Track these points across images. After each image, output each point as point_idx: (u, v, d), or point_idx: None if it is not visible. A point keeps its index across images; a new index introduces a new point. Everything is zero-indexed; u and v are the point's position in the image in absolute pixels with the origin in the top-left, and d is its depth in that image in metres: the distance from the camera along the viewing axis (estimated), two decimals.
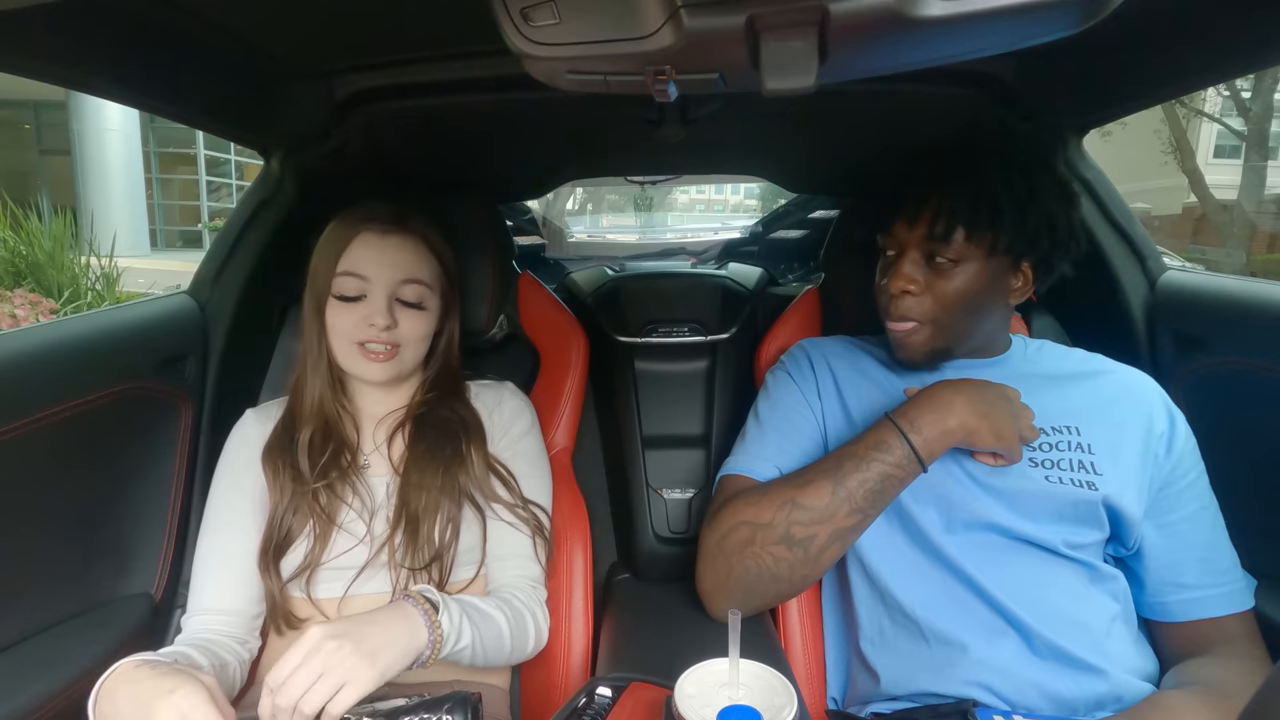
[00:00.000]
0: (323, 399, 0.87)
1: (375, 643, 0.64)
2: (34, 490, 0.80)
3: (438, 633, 0.69)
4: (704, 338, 1.21)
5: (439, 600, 0.71)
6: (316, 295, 0.85)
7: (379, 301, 0.83)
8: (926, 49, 0.48)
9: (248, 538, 0.82)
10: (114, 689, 0.62)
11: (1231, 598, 0.77)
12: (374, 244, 0.84)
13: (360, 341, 0.83)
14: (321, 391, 0.87)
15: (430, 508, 0.83)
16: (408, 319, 0.85)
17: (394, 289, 0.84)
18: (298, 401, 0.88)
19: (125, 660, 0.65)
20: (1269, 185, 10.67)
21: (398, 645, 0.65)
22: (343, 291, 0.83)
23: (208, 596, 0.81)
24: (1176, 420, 0.81)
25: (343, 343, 0.84)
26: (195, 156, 10.89)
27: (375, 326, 0.82)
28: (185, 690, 0.58)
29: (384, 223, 0.85)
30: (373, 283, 0.83)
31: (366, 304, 0.83)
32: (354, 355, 0.84)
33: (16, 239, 4.76)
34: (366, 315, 0.83)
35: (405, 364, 0.87)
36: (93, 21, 0.65)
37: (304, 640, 0.61)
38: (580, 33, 0.46)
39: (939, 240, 0.78)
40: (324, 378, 0.87)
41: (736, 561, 0.77)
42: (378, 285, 0.83)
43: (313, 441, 0.85)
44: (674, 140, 1.08)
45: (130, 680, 0.62)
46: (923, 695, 0.77)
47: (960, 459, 0.80)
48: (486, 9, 0.46)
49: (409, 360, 0.87)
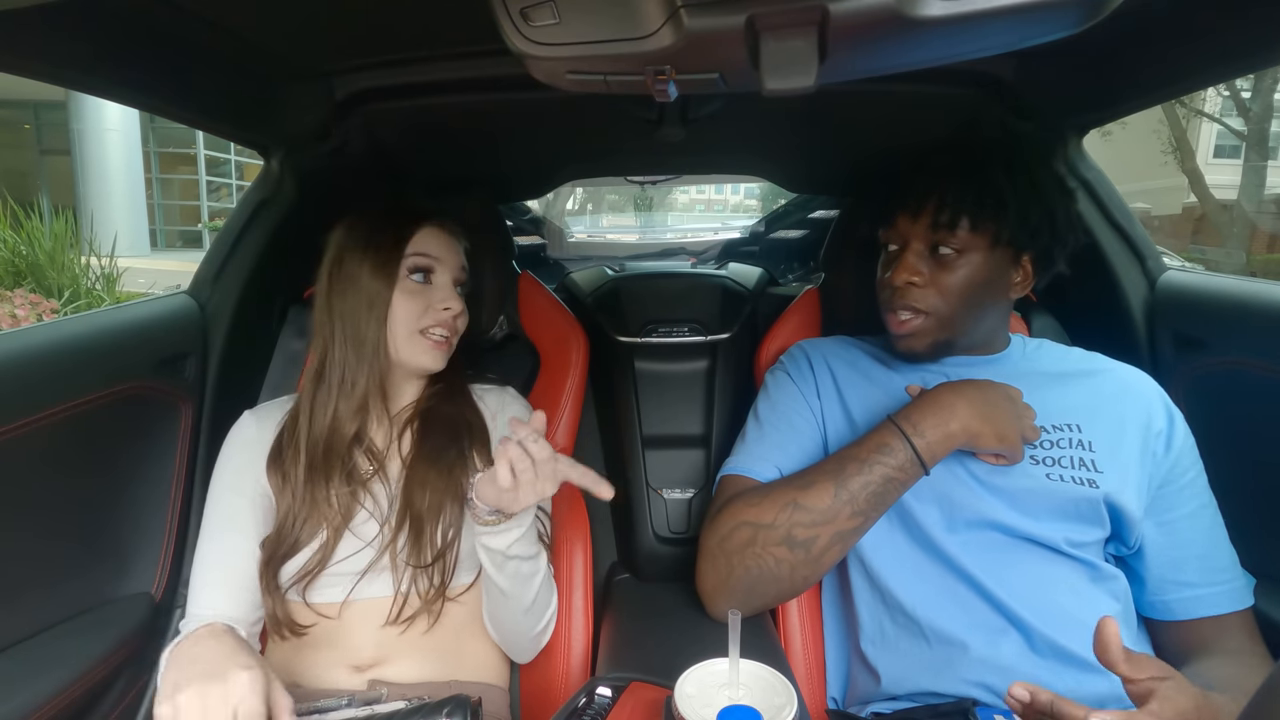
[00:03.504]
0: (364, 398, 0.83)
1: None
2: (34, 490, 0.80)
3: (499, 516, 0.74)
4: (704, 338, 1.21)
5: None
6: (375, 283, 0.82)
7: (446, 286, 0.86)
8: (926, 49, 0.48)
9: (247, 541, 0.81)
10: (199, 639, 0.68)
11: (1231, 596, 0.77)
12: (439, 234, 0.88)
13: (423, 328, 0.84)
14: (365, 390, 0.83)
15: (434, 507, 0.82)
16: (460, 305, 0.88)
17: (456, 274, 0.88)
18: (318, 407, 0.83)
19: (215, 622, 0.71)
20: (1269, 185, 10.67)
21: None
22: (418, 267, 0.85)
23: (207, 603, 0.80)
24: (1175, 418, 0.81)
25: (404, 331, 0.84)
26: (195, 156, 10.90)
27: (450, 310, 0.85)
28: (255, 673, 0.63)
29: (443, 218, 0.90)
30: (443, 264, 0.86)
31: (434, 290, 0.86)
32: (415, 342, 0.85)
33: (17, 239, 4.76)
34: (440, 299, 0.85)
35: (451, 350, 0.89)
36: (93, 21, 0.65)
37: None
38: (580, 33, 0.46)
39: (944, 230, 0.79)
40: (372, 373, 0.83)
41: (738, 562, 0.77)
42: (445, 268, 0.87)
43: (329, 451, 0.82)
44: (674, 140, 1.08)
45: (217, 637, 0.68)
46: (923, 695, 0.77)
47: (962, 458, 0.80)
48: (486, 9, 0.46)
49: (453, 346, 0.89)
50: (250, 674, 0.62)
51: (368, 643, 0.81)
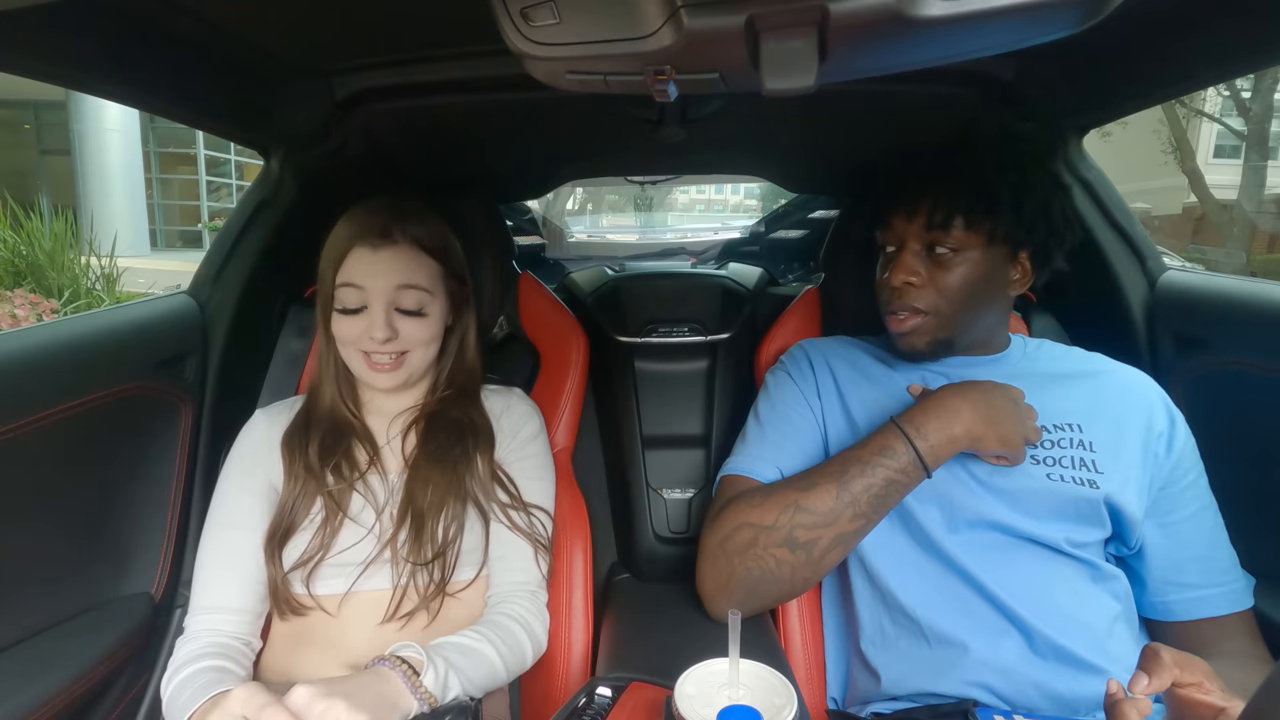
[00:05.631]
0: (334, 401, 0.90)
1: (367, 701, 0.62)
2: (34, 490, 0.80)
3: (423, 692, 0.67)
4: (704, 338, 1.21)
5: (422, 658, 0.69)
6: (324, 305, 0.87)
7: (378, 314, 0.83)
8: (926, 49, 0.48)
9: (254, 536, 0.82)
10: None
11: (1232, 597, 0.77)
12: (366, 258, 0.83)
13: (366, 351, 0.84)
14: (334, 394, 0.90)
15: (435, 504, 0.83)
16: (409, 326, 0.85)
17: (391, 298, 0.84)
18: (315, 399, 0.91)
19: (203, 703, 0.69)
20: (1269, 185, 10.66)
21: (385, 706, 0.64)
22: (344, 304, 0.84)
23: (212, 594, 0.81)
24: (1176, 420, 0.81)
25: (350, 351, 0.86)
26: (195, 156, 10.89)
27: (375, 339, 0.83)
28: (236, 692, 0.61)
29: (374, 236, 0.84)
30: (370, 293, 0.83)
31: (367, 315, 0.84)
32: (361, 365, 0.86)
33: (17, 239, 4.76)
34: (366, 328, 0.83)
35: (414, 369, 0.88)
36: (93, 21, 0.65)
37: (292, 699, 0.59)
38: (580, 33, 0.46)
39: (938, 229, 0.79)
40: (336, 381, 0.90)
41: (738, 563, 0.77)
42: (375, 295, 0.83)
43: (326, 437, 0.87)
44: (674, 140, 1.08)
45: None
46: (923, 695, 0.77)
47: (962, 459, 0.79)
48: (486, 9, 0.46)
49: (417, 364, 0.88)
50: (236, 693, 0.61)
51: (365, 640, 0.81)
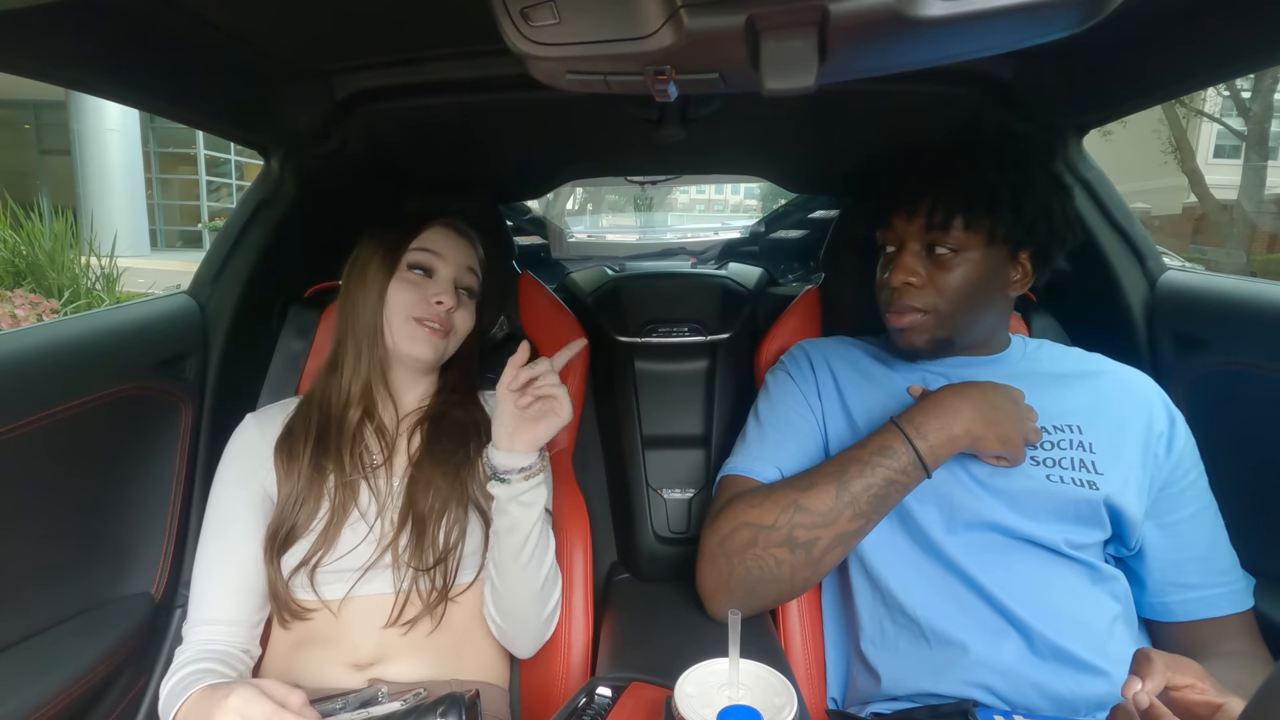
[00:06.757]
0: (351, 395, 0.88)
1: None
2: (34, 490, 0.80)
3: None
4: (704, 338, 1.21)
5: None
6: (378, 274, 0.88)
7: (446, 282, 0.89)
8: (926, 49, 0.48)
9: (248, 543, 0.82)
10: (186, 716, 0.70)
11: (1232, 597, 0.77)
12: (446, 234, 0.92)
13: (417, 318, 0.86)
14: (367, 375, 0.88)
15: (437, 509, 0.83)
16: (462, 306, 0.91)
17: (460, 273, 0.91)
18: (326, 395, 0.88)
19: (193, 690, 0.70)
20: (1269, 185, 10.66)
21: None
22: (418, 262, 0.89)
23: (209, 606, 0.80)
24: (1176, 420, 0.81)
25: (400, 318, 0.86)
26: (195, 156, 10.90)
27: (442, 305, 0.87)
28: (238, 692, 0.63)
29: (454, 224, 0.94)
30: (445, 261, 0.90)
31: (433, 283, 0.89)
32: (409, 330, 0.86)
33: (17, 239, 4.76)
34: (435, 292, 0.87)
35: (448, 349, 0.90)
36: (93, 21, 0.65)
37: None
38: (580, 33, 0.46)
39: (938, 229, 0.79)
40: (373, 361, 0.88)
41: (738, 563, 0.77)
42: (448, 265, 0.90)
43: (335, 433, 0.86)
44: (674, 140, 1.08)
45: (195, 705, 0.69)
46: (923, 695, 0.77)
47: (962, 459, 0.79)
48: (486, 9, 0.46)
49: (451, 347, 0.91)
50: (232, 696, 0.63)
51: (368, 641, 0.81)
